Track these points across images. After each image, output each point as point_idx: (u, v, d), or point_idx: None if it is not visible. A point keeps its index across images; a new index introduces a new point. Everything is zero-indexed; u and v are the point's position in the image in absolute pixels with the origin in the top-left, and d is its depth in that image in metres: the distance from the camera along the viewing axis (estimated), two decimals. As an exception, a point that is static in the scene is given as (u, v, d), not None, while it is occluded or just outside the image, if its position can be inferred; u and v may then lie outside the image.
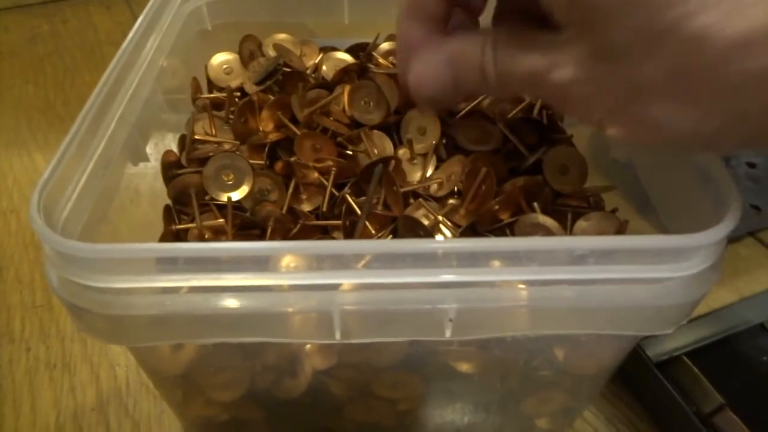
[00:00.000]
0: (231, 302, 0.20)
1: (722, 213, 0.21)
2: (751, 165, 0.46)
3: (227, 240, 0.31)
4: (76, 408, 0.34)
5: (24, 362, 0.36)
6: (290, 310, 0.21)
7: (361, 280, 0.20)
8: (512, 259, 0.20)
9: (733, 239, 0.43)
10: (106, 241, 0.26)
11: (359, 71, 0.37)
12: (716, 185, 0.23)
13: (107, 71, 0.28)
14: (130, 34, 0.32)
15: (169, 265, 0.20)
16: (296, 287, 0.20)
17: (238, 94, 0.38)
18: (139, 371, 0.35)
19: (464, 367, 0.27)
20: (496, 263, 0.20)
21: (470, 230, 0.29)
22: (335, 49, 0.41)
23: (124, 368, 0.35)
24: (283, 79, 0.37)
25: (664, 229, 0.29)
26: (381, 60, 0.38)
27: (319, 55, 0.40)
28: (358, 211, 0.31)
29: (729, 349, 0.35)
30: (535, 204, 0.29)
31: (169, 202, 0.32)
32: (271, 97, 0.36)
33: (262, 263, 0.20)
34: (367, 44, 0.40)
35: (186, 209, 0.33)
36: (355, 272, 0.20)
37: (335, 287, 0.20)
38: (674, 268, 0.20)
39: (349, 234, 0.31)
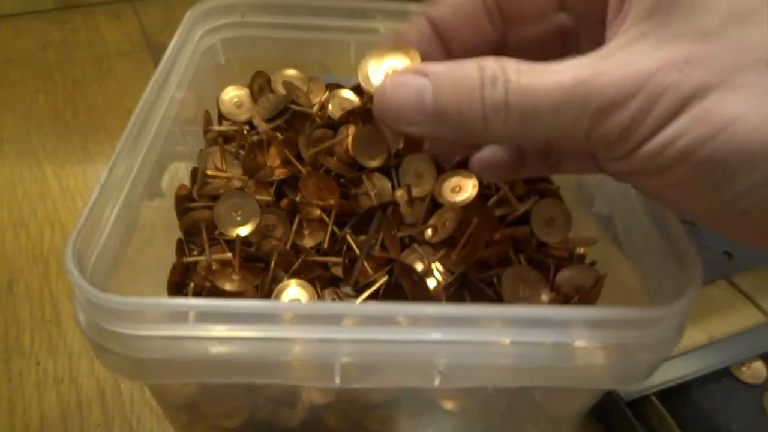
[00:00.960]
0: (241, 350, 0.22)
1: (686, 284, 0.24)
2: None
3: (234, 272, 0.33)
4: (83, 423, 0.35)
5: (33, 376, 0.38)
6: (295, 358, 0.23)
7: (360, 336, 0.22)
8: (498, 321, 0.22)
9: (705, 282, 0.46)
10: (125, 279, 0.29)
11: (363, 113, 0.39)
12: (683, 254, 0.26)
13: (136, 112, 0.30)
14: (156, 74, 0.34)
15: (186, 317, 0.22)
16: (302, 340, 0.22)
17: (247, 127, 0.40)
18: (143, 389, 0.37)
19: (449, 405, 0.29)
20: (483, 324, 0.22)
21: (461, 277, 0.32)
22: (341, 86, 0.43)
23: (129, 385, 0.37)
24: (290, 117, 0.39)
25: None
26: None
27: (325, 92, 0.42)
28: (357, 251, 0.34)
29: (697, 391, 0.37)
30: (521, 256, 0.31)
31: (180, 234, 0.34)
32: (279, 135, 0.38)
33: (271, 318, 0.22)
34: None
35: (196, 241, 0.35)
36: (355, 329, 0.22)
37: (336, 341, 0.22)
38: (640, 335, 0.23)
39: (348, 272, 0.34)
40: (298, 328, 0.22)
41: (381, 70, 0.23)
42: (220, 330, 0.22)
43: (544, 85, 0.17)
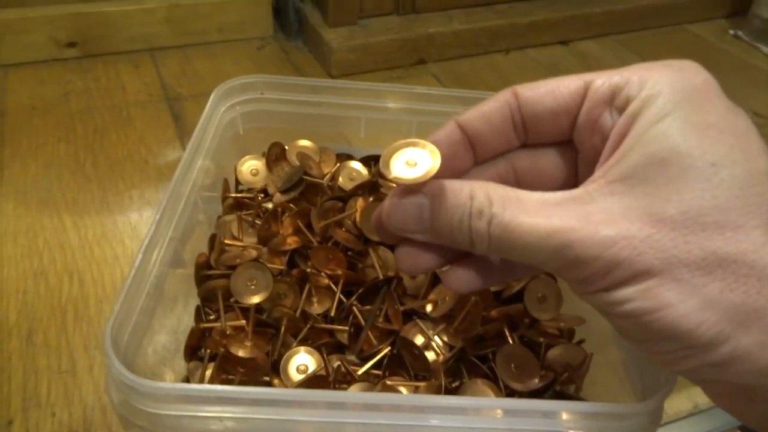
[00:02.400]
0: (255, 429, 0.25)
1: (662, 381, 0.26)
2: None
3: (246, 338, 0.36)
4: (96, 476, 0.37)
5: (49, 427, 0.40)
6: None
7: (364, 421, 0.25)
8: (488, 410, 0.25)
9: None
10: (147, 343, 0.31)
11: (370, 186, 0.42)
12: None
13: (171, 186, 0.33)
14: (188, 148, 0.36)
15: (207, 400, 0.24)
16: (310, 422, 0.25)
17: (262, 195, 0.43)
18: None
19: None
20: (477, 411, 0.25)
21: (460, 352, 0.34)
22: (351, 157, 0.46)
23: (141, 439, 0.39)
24: (303, 187, 0.42)
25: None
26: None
27: (335, 163, 0.45)
28: (362, 320, 0.36)
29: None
30: (514, 334, 0.34)
31: (198, 300, 0.37)
32: (292, 206, 0.41)
33: (283, 404, 0.24)
34: (379, 156, 0.46)
35: (212, 306, 0.37)
36: (359, 414, 0.25)
37: (342, 424, 0.25)
38: (620, 426, 0.25)
39: (354, 340, 0.36)
40: (306, 412, 0.25)
41: (401, 160, 0.23)
42: (236, 411, 0.24)
43: (521, 226, 0.20)
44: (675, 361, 0.20)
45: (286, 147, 0.45)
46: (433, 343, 0.34)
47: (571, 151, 0.24)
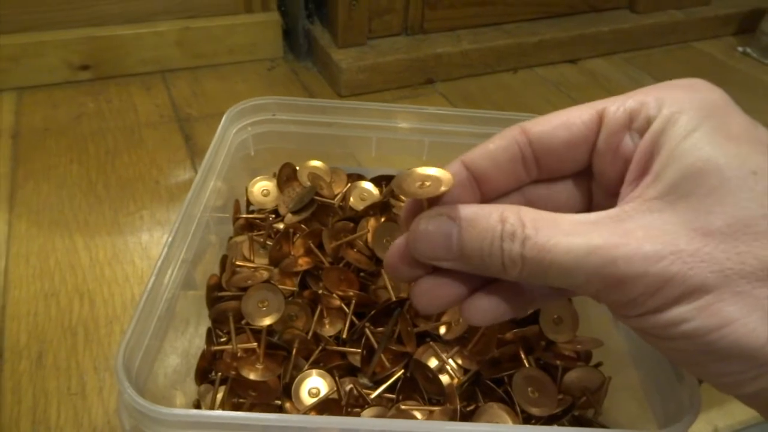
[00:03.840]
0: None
1: (686, 407, 0.25)
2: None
3: (258, 361, 0.35)
4: (105, 502, 0.37)
5: (58, 451, 0.39)
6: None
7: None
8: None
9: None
10: (158, 366, 0.31)
11: (381, 207, 0.42)
12: (682, 376, 0.28)
13: (183, 208, 0.33)
14: (200, 170, 0.36)
15: (219, 427, 0.24)
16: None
17: (273, 215, 0.43)
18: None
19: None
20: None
21: (475, 375, 0.33)
22: (361, 177, 0.46)
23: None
24: (314, 208, 0.42)
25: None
26: (401, 197, 0.43)
27: (346, 183, 0.45)
28: (375, 343, 0.36)
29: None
30: (530, 357, 0.33)
31: (209, 323, 0.36)
32: (304, 227, 0.40)
33: (293, 430, 0.24)
34: (390, 176, 0.46)
35: (223, 328, 0.37)
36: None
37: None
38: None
39: (366, 363, 0.36)
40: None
41: (413, 183, 0.23)
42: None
43: (557, 246, 0.19)
44: (740, 383, 0.18)
45: (297, 168, 0.45)
46: (448, 366, 0.34)
47: (584, 179, 0.24)
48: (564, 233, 0.19)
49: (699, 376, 0.20)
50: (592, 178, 0.24)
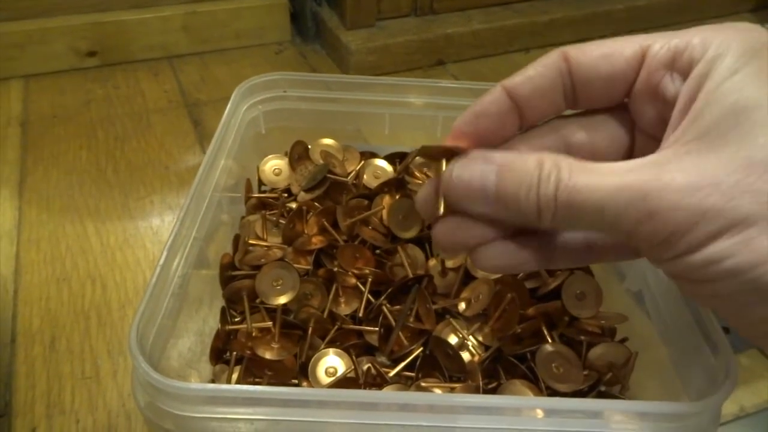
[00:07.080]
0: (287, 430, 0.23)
1: (721, 374, 0.24)
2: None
3: (273, 340, 0.34)
4: (121, 483, 0.36)
5: (73, 434, 0.39)
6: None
7: (400, 422, 0.23)
8: (527, 411, 0.23)
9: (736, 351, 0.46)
10: (172, 346, 0.30)
11: (397, 184, 0.41)
12: (715, 341, 0.26)
13: (193, 187, 0.32)
14: (210, 148, 0.35)
15: (236, 402, 0.23)
16: (340, 424, 0.23)
17: (285, 194, 0.42)
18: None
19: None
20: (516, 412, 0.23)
21: (496, 352, 0.32)
22: (374, 155, 0.45)
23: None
24: (327, 186, 0.41)
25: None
26: (417, 173, 0.42)
27: (359, 161, 0.44)
28: (392, 320, 0.35)
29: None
30: (553, 333, 0.32)
31: (223, 302, 0.36)
32: (317, 205, 0.39)
33: (316, 405, 0.23)
34: (403, 153, 0.44)
35: (237, 308, 0.36)
36: (394, 414, 0.23)
37: (376, 425, 0.23)
38: (677, 427, 0.23)
39: (384, 341, 0.35)
40: (339, 413, 0.23)
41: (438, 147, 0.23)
42: (267, 413, 0.23)
43: (589, 186, 0.18)
44: None
45: (309, 146, 0.44)
46: (468, 343, 0.33)
47: (627, 123, 0.23)
48: (598, 174, 0.19)
49: (743, 326, 0.19)
50: (634, 127, 0.23)
